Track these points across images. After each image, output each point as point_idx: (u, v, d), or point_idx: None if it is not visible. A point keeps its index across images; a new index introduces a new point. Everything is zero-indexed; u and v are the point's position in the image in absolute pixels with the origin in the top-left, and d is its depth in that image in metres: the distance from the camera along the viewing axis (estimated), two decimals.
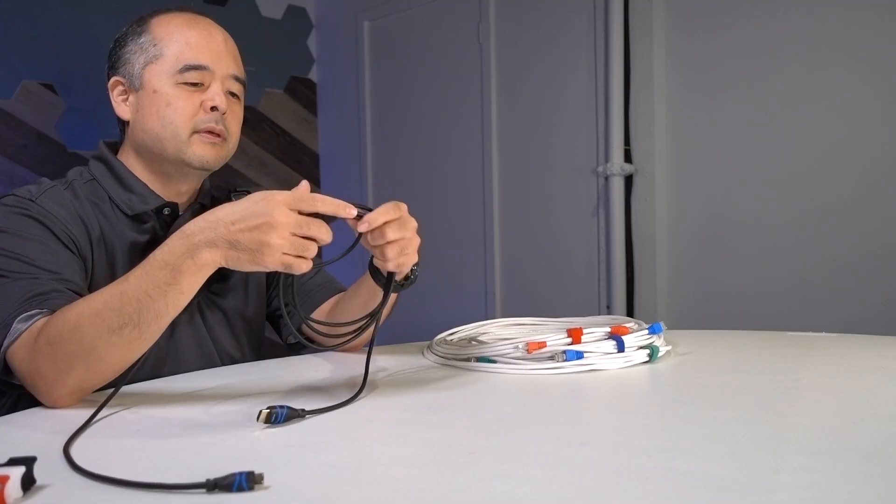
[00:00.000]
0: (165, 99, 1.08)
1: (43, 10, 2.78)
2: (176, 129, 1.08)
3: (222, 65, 1.11)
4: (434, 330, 1.20)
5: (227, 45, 1.13)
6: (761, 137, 2.23)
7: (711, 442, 0.67)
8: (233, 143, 1.15)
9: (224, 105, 1.09)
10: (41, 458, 0.60)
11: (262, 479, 0.57)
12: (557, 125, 2.71)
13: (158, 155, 1.10)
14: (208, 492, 0.56)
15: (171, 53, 1.09)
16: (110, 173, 1.12)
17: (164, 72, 1.08)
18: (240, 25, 1.17)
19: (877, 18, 2.02)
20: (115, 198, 1.10)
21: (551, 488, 0.56)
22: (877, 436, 0.68)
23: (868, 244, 2.05)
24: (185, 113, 1.08)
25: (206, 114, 1.09)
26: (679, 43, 2.40)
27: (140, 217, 1.11)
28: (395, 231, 0.91)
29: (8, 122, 2.73)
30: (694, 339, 1.23)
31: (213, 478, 0.56)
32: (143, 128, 1.10)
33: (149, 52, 1.09)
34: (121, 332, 0.83)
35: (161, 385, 1.00)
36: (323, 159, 3.69)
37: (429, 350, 1.14)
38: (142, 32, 1.11)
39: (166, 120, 1.08)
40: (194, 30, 1.10)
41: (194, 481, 0.57)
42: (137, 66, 1.10)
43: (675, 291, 2.45)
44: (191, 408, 0.87)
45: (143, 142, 1.11)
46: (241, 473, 0.57)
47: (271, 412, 0.76)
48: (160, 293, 0.83)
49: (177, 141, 1.08)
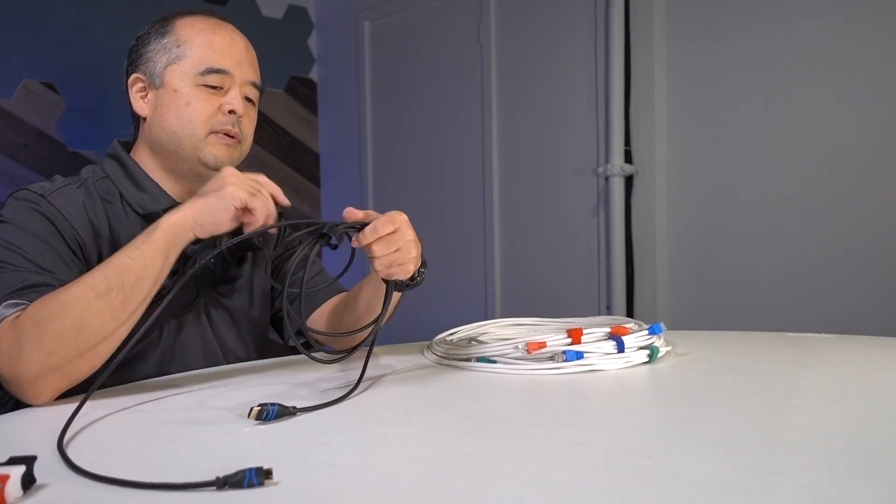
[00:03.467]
0: (185, 98, 1.11)
1: (43, 10, 2.78)
2: (194, 128, 1.11)
3: (242, 71, 1.14)
4: (434, 330, 1.20)
5: (249, 52, 1.17)
6: (762, 138, 2.23)
7: (711, 442, 0.67)
8: (246, 146, 1.18)
9: (241, 109, 1.13)
10: (41, 457, 0.60)
11: (271, 474, 0.57)
12: (558, 125, 2.71)
13: (175, 153, 1.12)
14: (219, 489, 0.56)
15: (194, 55, 1.11)
16: (123, 172, 1.14)
17: (186, 72, 1.11)
18: (240, 25, 1.18)
19: (876, 21, 2.02)
20: (128, 196, 1.12)
21: (551, 488, 0.56)
22: (877, 436, 0.68)
23: (868, 245, 2.05)
24: (204, 113, 1.11)
25: (224, 116, 1.12)
26: (679, 44, 2.40)
27: (151, 216, 1.11)
28: (382, 248, 0.97)
29: (8, 121, 2.73)
30: (694, 339, 1.23)
31: (222, 475, 0.56)
32: (161, 125, 1.12)
33: (172, 52, 1.12)
34: (107, 298, 0.89)
35: (162, 383, 1.00)
36: (323, 159, 3.69)
37: (429, 350, 1.14)
38: (166, 33, 1.13)
39: (185, 119, 1.11)
40: (218, 35, 1.14)
41: (198, 480, 0.57)
42: (160, 64, 1.12)
43: (675, 292, 2.45)
44: (190, 407, 0.87)
45: (159, 139, 1.13)
46: (251, 469, 0.56)
47: (262, 409, 0.76)
48: (140, 254, 0.92)
49: (194, 139, 1.11)
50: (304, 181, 3.65)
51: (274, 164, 3.53)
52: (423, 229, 0.99)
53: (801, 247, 2.17)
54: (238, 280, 1.21)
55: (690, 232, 2.41)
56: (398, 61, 3.30)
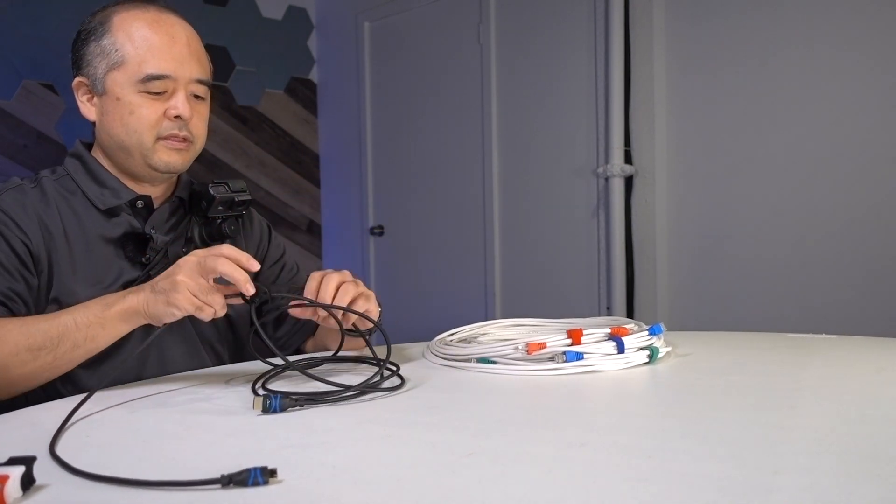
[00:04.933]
0: (129, 107, 1.08)
1: (43, 10, 2.78)
2: (140, 137, 1.08)
3: (185, 71, 1.09)
4: (434, 330, 1.20)
5: (192, 46, 1.11)
6: (761, 139, 2.23)
7: (711, 443, 0.67)
8: (199, 144, 1.15)
9: (188, 113, 1.09)
10: (41, 457, 0.60)
11: (276, 473, 0.57)
12: (558, 126, 2.71)
13: (125, 158, 1.11)
14: (223, 487, 0.56)
15: (133, 61, 1.07)
16: (84, 169, 1.13)
17: (126, 80, 1.07)
18: (240, 26, 1.17)
19: (877, 20, 2.02)
20: (88, 193, 1.11)
21: (551, 488, 0.56)
22: (877, 436, 0.68)
23: (868, 246, 2.05)
24: (149, 121, 1.08)
25: (171, 121, 1.09)
26: (679, 44, 2.40)
27: (112, 211, 1.11)
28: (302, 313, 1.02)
29: (8, 122, 2.73)
30: (694, 340, 1.23)
31: (227, 473, 0.56)
32: (108, 132, 1.10)
33: (111, 56, 1.08)
34: (37, 353, 0.93)
35: (157, 383, 1.00)
36: (323, 159, 3.69)
37: (429, 350, 1.14)
38: (104, 33, 1.09)
39: (130, 128, 1.08)
40: (157, 34, 1.08)
41: (201, 478, 0.57)
42: (100, 70, 1.09)
43: (675, 292, 2.45)
44: (185, 405, 0.87)
45: (109, 145, 1.12)
46: (255, 468, 0.56)
47: (266, 399, 0.77)
48: (87, 323, 0.94)
49: (142, 148, 1.09)
50: (304, 182, 3.65)
51: (274, 164, 3.53)
52: (423, 229, 0.99)
53: (800, 247, 2.17)
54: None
55: (690, 232, 2.41)
56: (398, 62, 3.30)
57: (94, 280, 1.07)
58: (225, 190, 1.15)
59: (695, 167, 2.39)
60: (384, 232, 3.36)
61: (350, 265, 3.63)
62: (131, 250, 1.10)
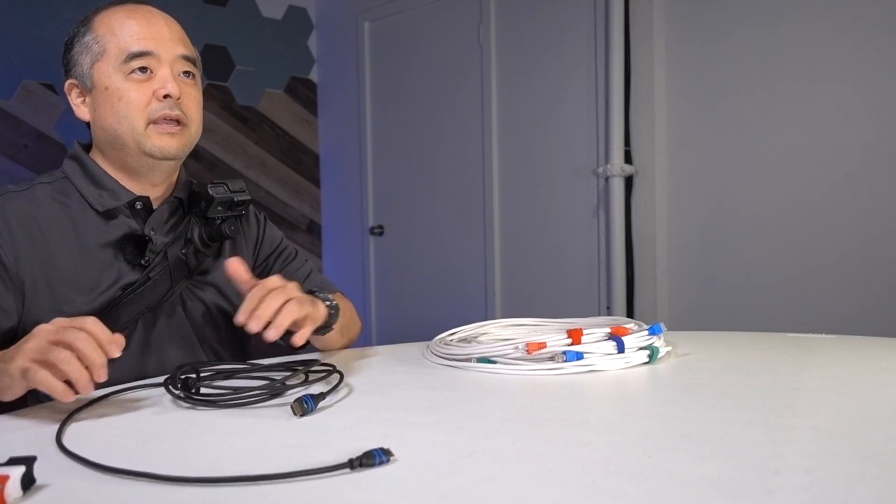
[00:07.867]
0: (117, 94, 1.08)
1: (43, 10, 2.78)
2: (132, 122, 1.07)
3: (167, 48, 1.09)
4: (434, 330, 1.20)
5: (171, 28, 1.12)
6: (761, 138, 2.23)
7: (711, 443, 0.67)
8: (195, 128, 1.14)
9: (176, 90, 1.08)
10: (41, 457, 0.60)
11: (392, 452, 0.63)
12: (558, 126, 2.71)
13: (121, 150, 1.10)
14: (352, 469, 0.61)
15: (113, 46, 1.08)
16: (82, 171, 1.12)
17: (110, 66, 1.08)
18: (240, 26, 1.17)
19: (874, 22, 2.02)
20: (86, 195, 1.10)
21: (551, 488, 0.56)
22: (877, 436, 0.68)
23: (868, 246, 2.05)
24: (139, 104, 1.07)
25: (160, 101, 1.08)
26: (679, 44, 2.40)
27: (111, 213, 1.11)
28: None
29: (8, 122, 2.73)
30: (694, 340, 1.23)
31: (354, 457, 0.61)
32: (101, 126, 1.10)
33: (93, 49, 1.09)
34: None
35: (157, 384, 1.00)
36: (323, 159, 3.69)
37: (429, 350, 1.14)
38: (86, 32, 1.10)
39: (121, 114, 1.08)
40: (133, 19, 1.09)
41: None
42: (86, 66, 1.10)
43: (675, 292, 2.45)
44: (182, 403, 0.87)
45: (104, 140, 1.11)
46: (377, 449, 0.62)
47: (302, 403, 0.79)
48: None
49: (134, 133, 1.08)
50: (304, 181, 3.65)
51: (274, 164, 3.53)
52: (423, 229, 0.99)
53: (800, 247, 2.17)
54: (214, 272, 1.20)
55: (690, 232, 2.41)
56: (398, 62, 3.30)
57: (90, 286, 1.06)
58: (224, 190, 1.15)
59: (695, 167, 2.39)
60: (384, 232, 3.36)
61: (350, 265, 3.65)
62: (130, 253, 1.09)
